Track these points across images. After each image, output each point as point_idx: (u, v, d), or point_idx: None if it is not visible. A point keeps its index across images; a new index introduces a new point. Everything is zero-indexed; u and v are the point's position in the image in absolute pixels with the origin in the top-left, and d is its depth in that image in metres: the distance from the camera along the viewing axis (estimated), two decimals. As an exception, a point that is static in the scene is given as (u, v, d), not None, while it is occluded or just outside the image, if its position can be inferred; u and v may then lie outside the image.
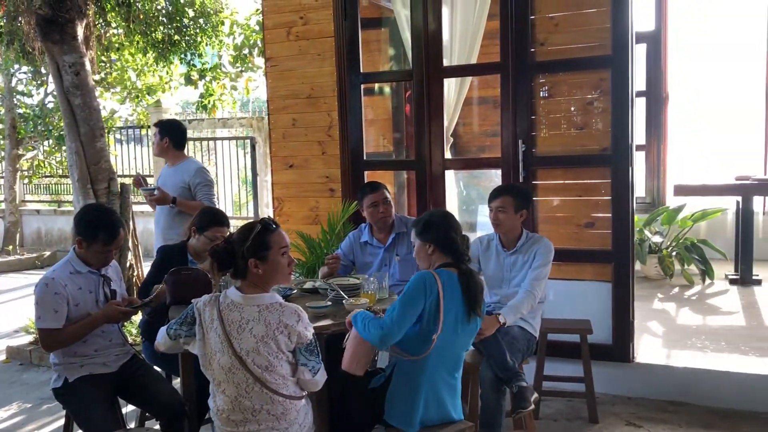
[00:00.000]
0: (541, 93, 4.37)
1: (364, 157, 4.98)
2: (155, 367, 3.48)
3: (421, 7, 4.57)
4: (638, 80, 7.36)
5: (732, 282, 6.27)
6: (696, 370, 4.14)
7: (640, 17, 7.29)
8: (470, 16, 4.78)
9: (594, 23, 4.19)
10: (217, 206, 4.48)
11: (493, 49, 4.60)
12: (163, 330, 2.63)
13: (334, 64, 4.87)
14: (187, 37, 7.83)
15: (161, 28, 7.42)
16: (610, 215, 4.26)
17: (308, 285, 3.60)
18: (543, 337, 3.88)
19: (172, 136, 4.61)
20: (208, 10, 8.11)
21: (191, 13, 7.81)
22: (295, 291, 3.50)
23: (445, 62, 4.73)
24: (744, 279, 6.18)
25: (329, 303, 3.16)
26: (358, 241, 4.08)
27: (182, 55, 8.32)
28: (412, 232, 2.95)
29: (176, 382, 3.53)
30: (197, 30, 8.01)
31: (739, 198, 6.25)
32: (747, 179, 6.24)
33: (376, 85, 6.61)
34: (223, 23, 9.06)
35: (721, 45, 7.28)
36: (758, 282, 6.14)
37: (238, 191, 10.71)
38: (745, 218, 6.19)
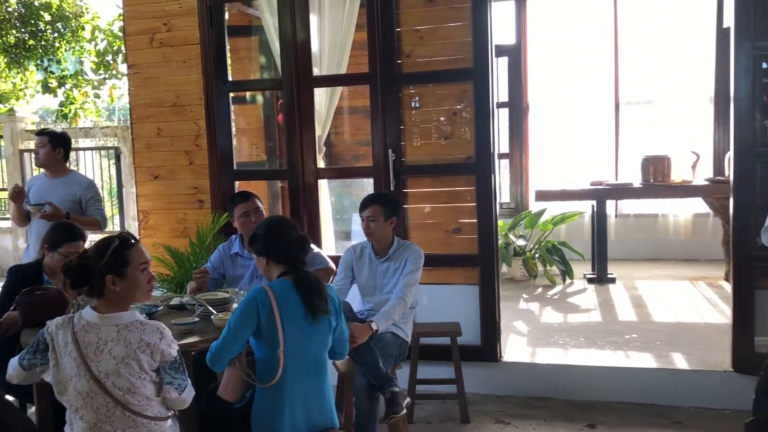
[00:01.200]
0: (412, 103, 4.48)
1: (235, 167, 4.89)
2: (7, 396, 3.23)
3: (288, 16, 4.56)
4: (501, 92, 7.79)
5: (590, 281, 6.70)
6: (558, 366, 4.39)
7: (501, 32, 7.68)
8: (338, 26, 4.82)
9: (456, 37, 4.35)
10: (106, 221, 4.43)
11: (363, 60, 4.67)
12: (14, 361, 2.45)
13: (201, 71, 4.75)
14: (43, 42, 7.37)
15: (14, 32, 6.93)
16: (475, 221, 4.43)
17: (175, 301, 3.48)
18: (415, 342, 3.97)
19: (65, 147, 4.47)
20: (67, 13, 7.68)
21: (48, 17, 7.35)
22: (162, 308, 3.37)
23: (315, 71, 4.74)
24: (600, 278, 6.62)
25: (196, 319, 3.08)
26: (228, 253, 3.99)
27: (38, 61, 7.81)
28: None
29: (31, 411, 3.29)
30: (55, 35, 7.55)
31: (594, 202, 6.70)
32: (600, 184, 6.69)
33: (248, 94, 6.51)
34: (83, 28, 8.61)
35: (576, 57, 7.78)
36: (612, 280, 6.59)
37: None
38: (599, 221, 6.64)
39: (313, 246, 3.43)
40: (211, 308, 3.11)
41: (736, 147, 4.00)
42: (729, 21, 4.68)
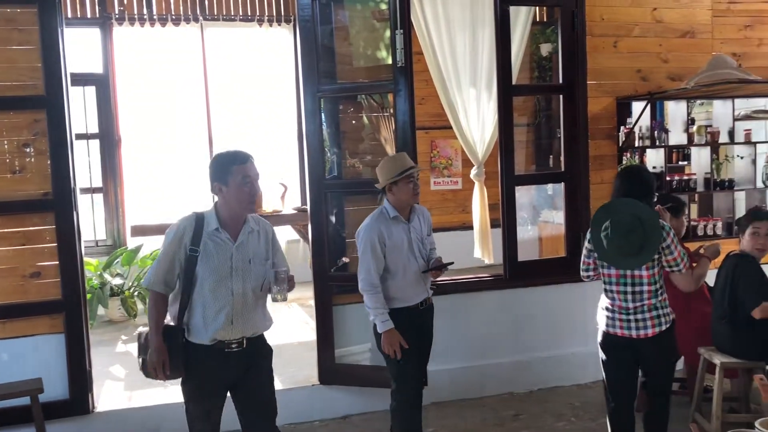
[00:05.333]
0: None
1: None
2: None
3: None
4: (90, 122, 7.34)
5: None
6: (156, 407, 4.24)
7: (86, 59, 7.25)
8: None
9: (23, 61, 3.94)
10: None
11: None
12: None
13: None
14: None
15: None
16: (57, 263, 4.04)
17: None
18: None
19: None
20: None
21: None
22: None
23: None
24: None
25: None
26: None
27: None
28: None
29: None
30: None
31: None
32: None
33: None
34: None
35: (168, 89, 7.70)
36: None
37: None
38: (198, 253, 6.66)
39: None
40: None
41: (310, 179, 4.42)
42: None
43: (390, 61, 4.40)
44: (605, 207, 3.48)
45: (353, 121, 5.38)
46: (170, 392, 4.47)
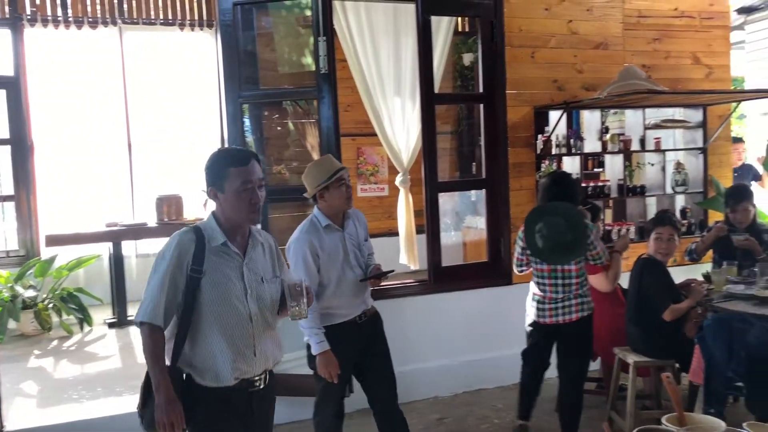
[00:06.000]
0: None
1: None
2: None
3: None
4: (0, 127, 7.00)
5: (110, 326, 6.46)
6: (69, 424, 4.07)
7: (-5, 61, 6.93)
8: None
9: None
10: None
11: None
12: None
13: None
14: None
15: None
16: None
17: None
18: None
19: None
20: None
21: None
22: None
23: None
24: (121, 321, 6.43)
25: None
26: None
27: None
28: None
29: None
30: None
31: (110, 243, 6.51)
32: (116, 225, 6.54)
33: None
34: None
35: (85, 94, 7.41)
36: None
37: None
38: (117, 263, 6.47)
39: None
40: None
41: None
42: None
43: (314, 68, 4.39)
44: (538, 209, 3.81)
45: (279, 128, 5.36)
46: (86, 408, 4.31)
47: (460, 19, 6.36)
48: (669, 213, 4.62)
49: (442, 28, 5.63)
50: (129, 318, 6.43)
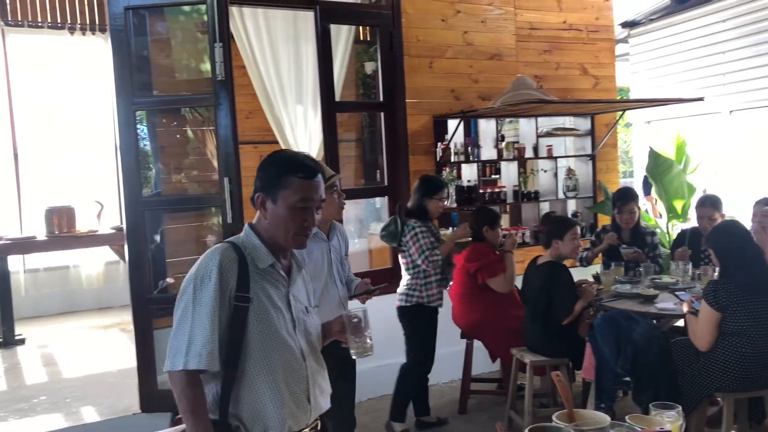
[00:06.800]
0: None
1: None
2: None
3: None
4: None
5: (-4, 346, 6.07)
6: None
7: None
8: None
9: None
10: None
11: None
12: None
13: None
14: None
15: None
16: None
17: None
18: None
19: None
20: None
21: None
22: None
23: None
24: (7, 341, 6.05)
25: None
26: None
27: None
28: None
29: None
30: None
31: (-4, 258, 6.12)
32: (1, 239, 6.16)
33: None
34: None
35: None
36: (22, 341, 6.11)
37: None
38: (2, 279, 6.09)
39: None
40: None
41: (125, 196, 4.19)
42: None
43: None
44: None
45: (177, 135, 5.20)
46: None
47: (361, 27, 6.41)
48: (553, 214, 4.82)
49: (342, 36, 5.65)
50: (17, 337, 6.07)
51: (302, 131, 6.17)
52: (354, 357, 2.13)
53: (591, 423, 1.94)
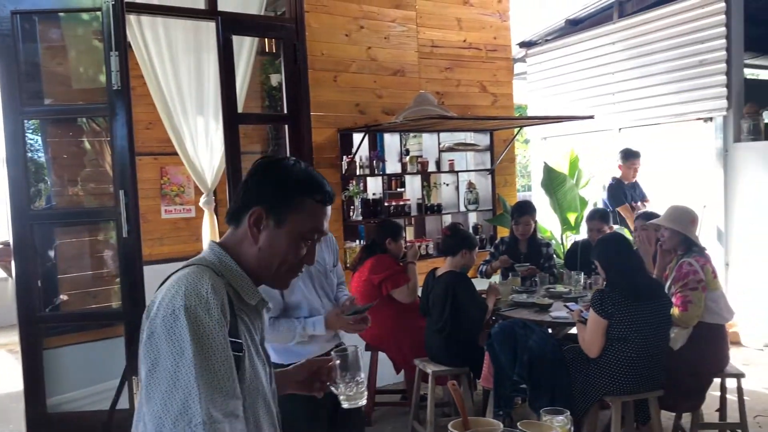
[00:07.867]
0: None
1: None
2: None
3: None
4: None
5: None
6: None
7: None
8: None
9: None
10: None
11: None
12: None
13: None
14: None
15: None
16: None
17: None
18: None
19: None
20: None
21: None
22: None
23: None
24: None
25: None
26: None
27: None
28: None
29: None
30: None
31: None
32: None
33: None
34: None
35: None
36: None
37: None
38: None
39: None
40: None
41: (12, 209, 3.99)
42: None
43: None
44: None
45: (73, 146, 5.00)
46: None
47: (266, 39, 6.37)
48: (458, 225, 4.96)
49: (245, 47, 5.59)
50: None
51: (203, 143, 6.05)
52: (345, 405, 1.82)
53: (484, 430, 2.00)
